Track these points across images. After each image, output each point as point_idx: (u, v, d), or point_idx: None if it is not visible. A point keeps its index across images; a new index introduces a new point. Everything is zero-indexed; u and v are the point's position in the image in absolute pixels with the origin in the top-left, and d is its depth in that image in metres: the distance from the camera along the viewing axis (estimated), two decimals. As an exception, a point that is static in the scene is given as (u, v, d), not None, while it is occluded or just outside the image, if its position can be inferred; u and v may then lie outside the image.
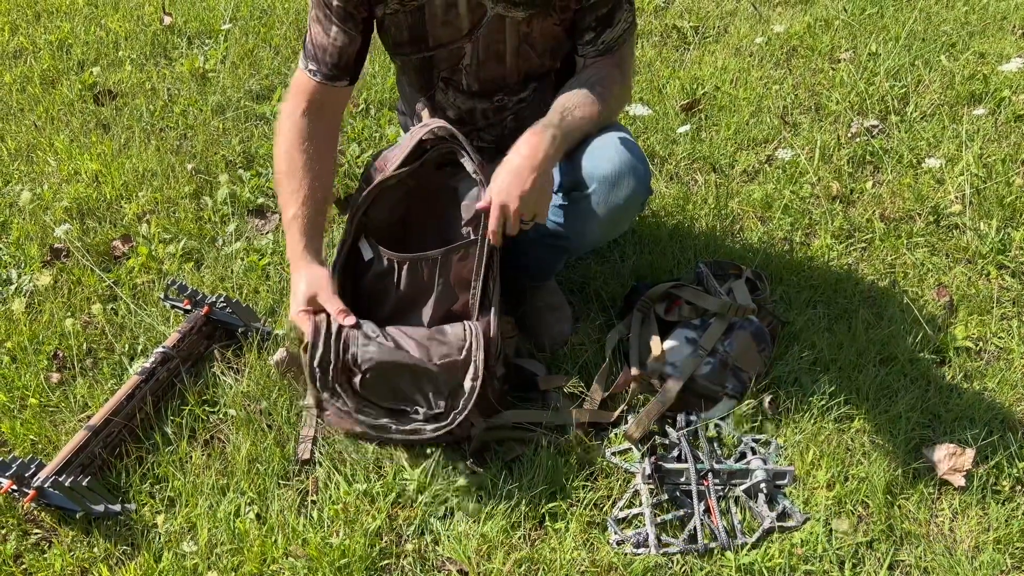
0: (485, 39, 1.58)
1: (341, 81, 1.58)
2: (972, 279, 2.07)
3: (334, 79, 1.57)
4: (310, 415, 1.70)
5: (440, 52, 1.61)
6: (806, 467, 1.63)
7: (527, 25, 1.56)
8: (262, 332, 1.84)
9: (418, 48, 1.61)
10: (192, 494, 1.57)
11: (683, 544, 1.50)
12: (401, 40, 1.61)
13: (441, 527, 1.53)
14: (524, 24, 1.56)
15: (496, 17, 1.54)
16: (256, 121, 2.66)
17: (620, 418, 1.71)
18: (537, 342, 1.88)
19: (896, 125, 2.59)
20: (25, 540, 1.52)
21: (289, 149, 1.56)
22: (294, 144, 1.56)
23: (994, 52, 2.93)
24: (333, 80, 1.57)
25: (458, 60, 1.62)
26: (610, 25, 1.56)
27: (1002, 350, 1.90)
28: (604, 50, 1.59)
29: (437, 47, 1.60)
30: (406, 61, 1.68)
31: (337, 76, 1.57)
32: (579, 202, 1.59)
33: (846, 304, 1.99)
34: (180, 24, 3.21)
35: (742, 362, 1.73)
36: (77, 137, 2.59)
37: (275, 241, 2.18)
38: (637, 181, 1.55)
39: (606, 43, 1.58)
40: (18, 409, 1.74)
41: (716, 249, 2.14)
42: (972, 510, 1.57)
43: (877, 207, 2.28)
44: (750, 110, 2.66)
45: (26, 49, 3.10)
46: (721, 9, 3.31)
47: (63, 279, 2.07)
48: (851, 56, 2.94)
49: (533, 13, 1.53)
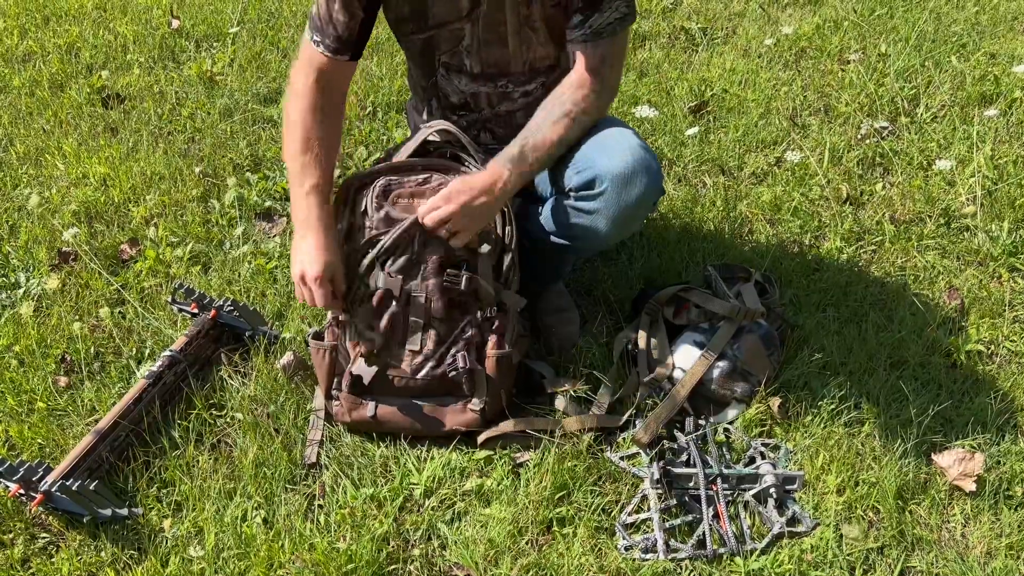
0: (486, 19, 1.57)
1: (343, 55, 1.57)
2: (983, 282, 2.05)
3: (337, 52, 1.56)
4: (317, 418, 1.70)
5: (441, 32, 1.60)
6: (816, 472, 1.61)
7: (527, 7, 1.56)
8: (269, 336, 1.84)
9: (419, 25, 1.61)
10: (199, 498, 1.57)
11: (692, 550, 1.49)
12: (401, 15, 1.61)
13: (448, 532, 1.53)
14: (524, 5, 1.56)
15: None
16: (264, 124, 2.67)
17: (628, 422, 1.70)
18: (545, 345, 1.88)
19: (906, 126, 2.58)
20: (32, 544, 1.52)
21: (306, 119, 1.57)
22: (310, 115, 1.57)
23: (1005, 53, 2.91)
24: (336, 53, 1.56)
25: (458, 42, 1.62)
26: (598, 9, 1.51)
27: (1014, 353, 1.88)
28: (591, 36, 1.53)
29: (437, 26, 1.59)
30: (410, 44, 1.68)
31: (340, 50, 1.56)
32: (591, 201, 1.58)
33: (856, 307, 1.98)
34: (188, 27, 3.22)
35: (751, 366, 1.72)
36: (85, 141, 2.60)
37: (282, 245, 2.18)
38: (650, 179, 1.54)
39: (594, 29, 1.53)
40: (26, 413, 1.74)
41: (725, 252, 2.13)
42: (984, 515, 1.55)
43: (887, 209, 2.27)
44: (759, 112, 2.65)
45: (35, 53, 3.11)
46: (729, 11, 3.29)
47: (71, 283, 2.07)
48: (860, 57, 2.93)
49: None
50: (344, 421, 1.67)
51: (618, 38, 1.56)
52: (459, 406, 1.65)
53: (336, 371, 1.66)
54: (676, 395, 1.67)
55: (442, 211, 1.52)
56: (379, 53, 3.02)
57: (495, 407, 1.66)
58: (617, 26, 1.55)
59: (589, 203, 1.58)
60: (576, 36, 1.55)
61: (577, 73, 1.57)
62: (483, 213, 1.54)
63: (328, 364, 1.66)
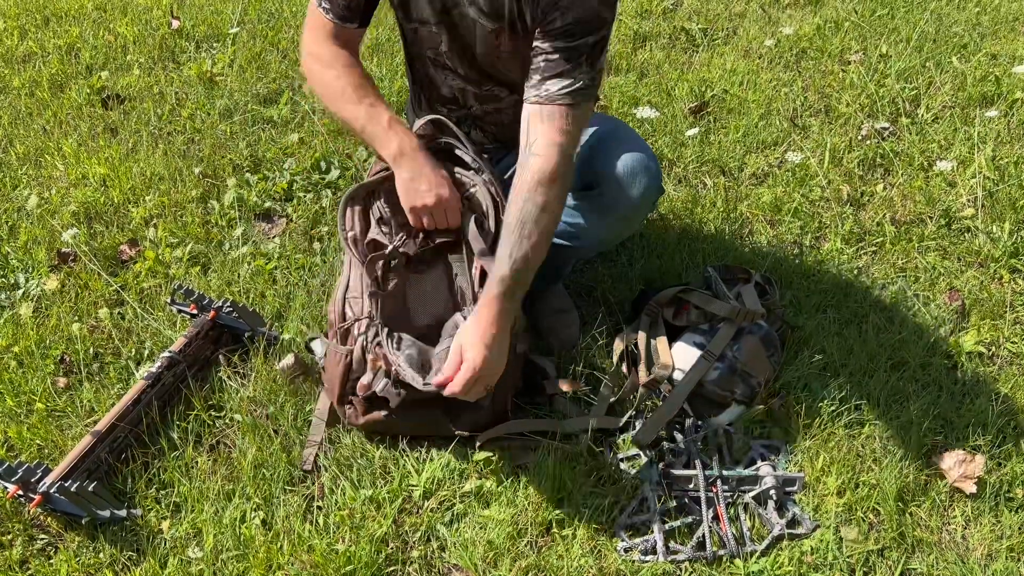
0: (459, 31, 1.55)
1: (351, 23, 1.54)
2: (984, 283, 2.04)
3: (345, 20, 1.53)
4: (319, 420, 1.69)
5: (421, 30, 1.59)
6: (816, 473, 1.61)
7: (496, 38, 1.53)
8: (268, 337, 1.83)
9: (407, 16, 1.59)
10: (198, 499, 1.57)
11: (691, 551, 1.48)
12: (393, 1, 1.59)
13: (448, 533, 1.52)
14: (494, 36, 1.53)
15: (469, 17, 1.51)
16: (263, 125, 2.66)
17: (628, 424, 1.70)
18: (545, 346, 1.87)
19: (907, 127, 2.57)
20: (31, 545, 1.52)
21: (347, 73, 1.53)
22: (346, 70, 1.53)
23: (1006, 53, 2.91)
24: (344, 21, 1.53)
25: (437, 44, 1.60)
26: (558, 75, 1.39)
27: (1015, 355, 1.88)
28: (544, 99, 1.40)
29: (417, 22, 1.58)
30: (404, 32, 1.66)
31: (348, 17, 1.53)
32: (591, 200, 1.58)
33: (856, 308, 1.97)
34: (188, 28, 3.22)
35: (751, 367, 1.71)
36: (85, 141, 2.60)
37: (282, 245, 2.17)
38: (650, 179, 1.54)
39: (548, 94, 1.40)
40: (25, 414, 1.74)
41: (725, 253, 2.13)
42: (985, 518, 1.55)
43: (888, 210, 2.27)
44: (759, 113, 2.64)
45: (35, 53, 3.11)
46: (730, 11, 3.29)
47: (70, 283, 2.07)
48: (861, 58, 2.92)
49: (501, 27, 1.50)
50: (356, 424, 1.64)
51: (578, 111, 1.42)
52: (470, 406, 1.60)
53: (351, 376, 1.60)
54: (676, 396, 1.67)
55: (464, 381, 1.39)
56: (379, 53, 3.02)
57: (502, 401, 1.65)
58: (576, 98, 1.40)
59: (589, 203, 1.58)
60: (530, 95, 1.43)
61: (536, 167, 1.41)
62: (503, 352, 1.45)
63: (345, 368, 1.60)
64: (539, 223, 1.41)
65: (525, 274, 1.44)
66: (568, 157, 1.43)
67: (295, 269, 2.09)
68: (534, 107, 1.42)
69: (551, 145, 1.40)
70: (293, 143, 2.55)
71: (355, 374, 1.58)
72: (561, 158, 1.41)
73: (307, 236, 2.21)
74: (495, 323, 1.42)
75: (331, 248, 2.16)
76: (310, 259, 2.12)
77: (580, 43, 1.39)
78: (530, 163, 1.42)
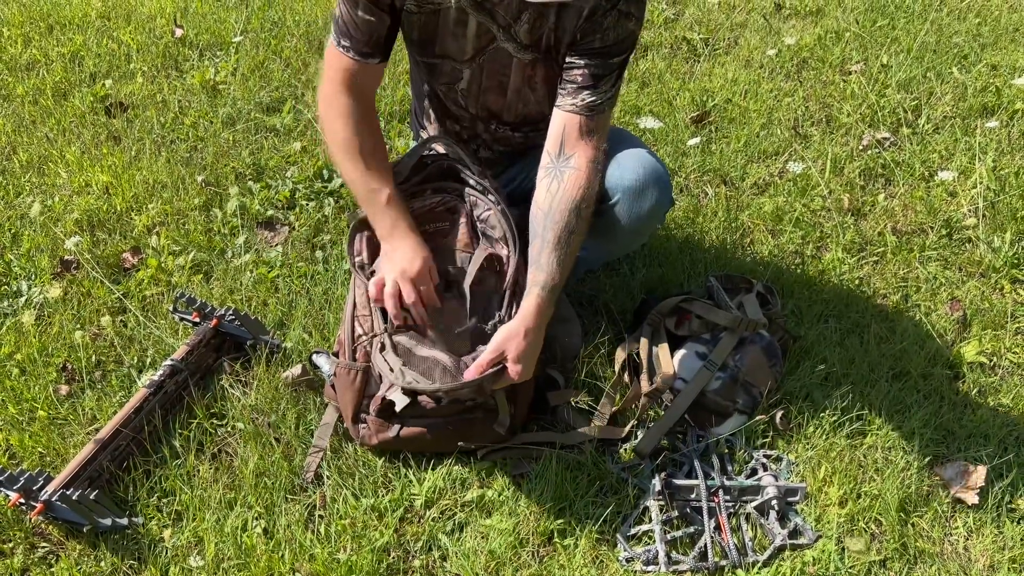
0: (490, 67, 1.58)
1: (374, 59, 1.53)
2: (986, 293, 2.05)
3: (367, 56, 1.52)
4: (324, 431, 1.68)
5: (442, 64, 1.61)
6: (818, 484, 1.61)
7: (531, 68, 1.57)
8: (271, 345, 1.84)
9: (424, 51, 1.60)
10: (199, 508, 1.57)
11: (693, 562, 1.48)
12: (411, 38, 1.60)
13: (449, 543, 1.52)
14: (529, 67, 1.56)
15: (504, 52, 1.54)
16: (266, 133, 2.67)
17: (630, 433, 1.70)
18: (547, 355, 1.87)
19: (908, 137, 2.58)
20: (32, 554, 1.52)
21: (354, 131, 1.54)
22: (358, 124, 1.54)
23: (1007, 64, 2.92)
24: (366, 57, 1.52)
25: (456, 81, 1.62)
26: (591, 87, 1.49)
27: (1016, 365, 1.88)
28: (580, 109, 1.51)
29: (441, 57, 1.59)
30: (416, 62, 1.68)
31: (370, 54, 1.52)
32: (603, 213, 1.59)
33: (858, 318, 1.97)
34: (191, 36, 3.23)
35: (753, 377, 1.71)
36: (88, 149, 2.61)
37: (284, 253, 2.18)
38: (660, 191, 1.55)
39: (586, 103, 1.50)
40: (27, 421, 1.74)
41: (726, 262, 2.13)
42: (987, 528, 1.55)
43: (889, 220, 2.27)
44: (761, 122, 2.65)
45: (38, 61, 3.12)
46: (731, 21, 3.30)
47: (73, 291, 2.07)
48: (862, 68, 2.93)
49: (538, 58, 1.54)
50: (371, 444, 1.62)
51: (604, 116, 1.53)
52: (484, 423, 1.61)
53: (366, 393, 1.60)
54: (678, 406, 1.67)
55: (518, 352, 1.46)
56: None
57: (521, 416, 1.64)
58: (605, 106, 1.52)
59: (602, 215, 1.59)
60: (566, 103, 1.51)
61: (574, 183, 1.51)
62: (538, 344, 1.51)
63: (359, 386, 1.59)
64: (580, 234, 1.51)
65: (564, 280, 1.53)
66: (601, 173, 1.55)
67: (297, 277, 2.09)
68: (570, 116, 1.51)
69: (590, 163, 1.51)
70: (296, 151, 2.55)
71: (369, 391, 1.58)
72: (597, 176, 1.53)
73: (309, 244, 2.22)
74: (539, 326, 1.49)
75: (333, 256, 2.16)
76: (312, 267, 2.12)
77: (613, 61, 1.49)
78: (570, 177, 1.51)
